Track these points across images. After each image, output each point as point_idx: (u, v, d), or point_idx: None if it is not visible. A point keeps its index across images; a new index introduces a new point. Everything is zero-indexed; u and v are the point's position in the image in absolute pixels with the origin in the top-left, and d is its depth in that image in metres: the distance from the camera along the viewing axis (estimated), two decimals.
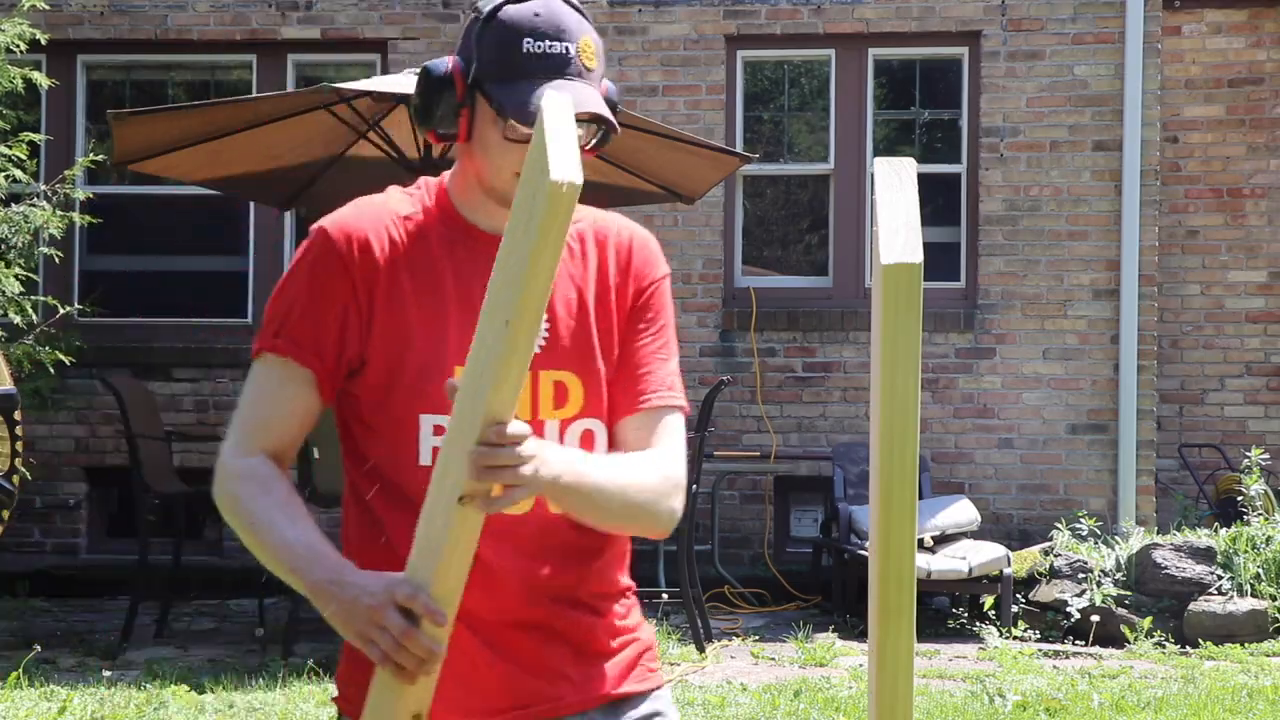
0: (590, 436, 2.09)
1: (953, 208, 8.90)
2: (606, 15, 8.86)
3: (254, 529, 2.03)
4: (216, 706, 5.43)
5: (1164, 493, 9.28)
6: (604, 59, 2.08)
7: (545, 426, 2.06)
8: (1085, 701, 5.64)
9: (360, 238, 2.06)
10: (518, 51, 2.00)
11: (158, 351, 8.94)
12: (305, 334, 2.06)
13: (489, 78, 2.01)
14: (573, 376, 2.08)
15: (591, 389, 2.09)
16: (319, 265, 2.07)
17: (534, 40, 2.00)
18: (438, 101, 2.06)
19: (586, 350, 2.09)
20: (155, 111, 6.89)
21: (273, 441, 2.08)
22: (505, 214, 2.01)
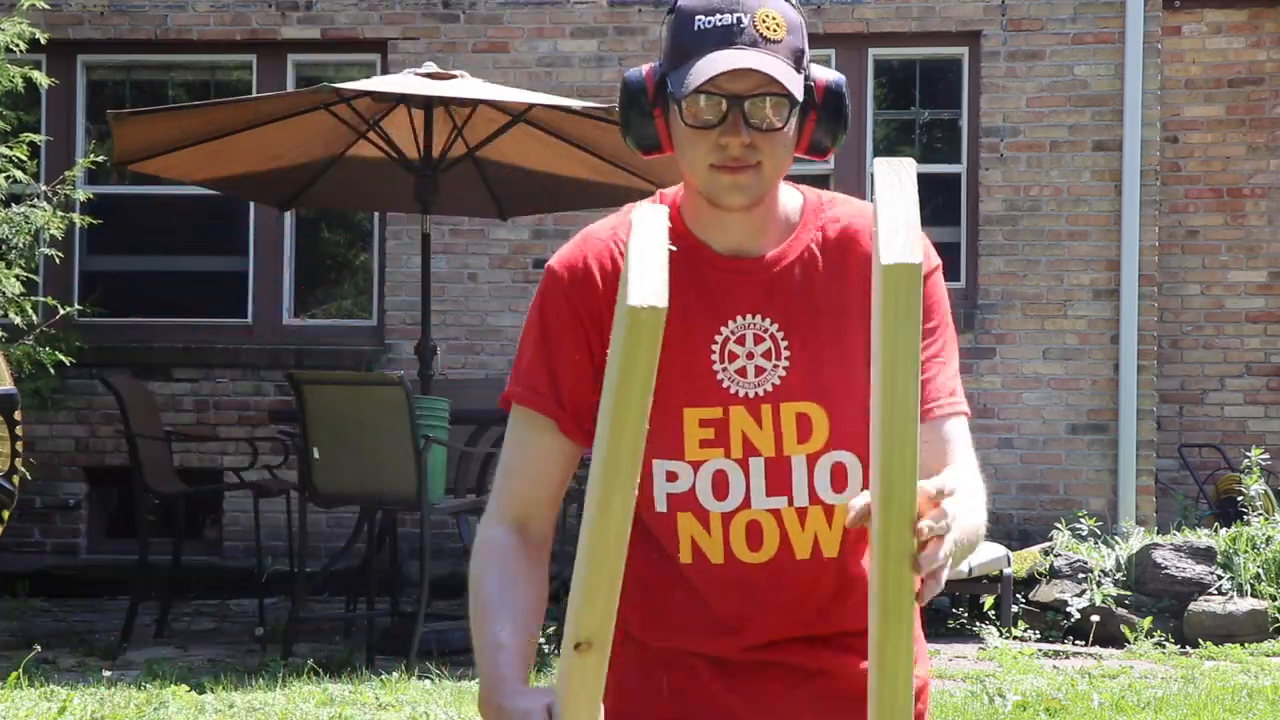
0: (842, 470, 1.96)
1: (953, 208, 8.90)
2: (606, 15, 8.86)
3: (472, 614, 1.94)
4: (216, 706, 5.43)
5: (1164, 493, 9.27)
6: (801, 34, 1.91)
7: (791, 462, 1.95)
8: (1085, 701, 5.64)
9: (582, 273, 1.97)
10: (689, 31, 1.88)
11: (158, 351, 8.94)
12: (542, 380, 1.97)
13: (669, 67, 1.91)
14: (816, 407, 1.95)
15: (838, 419, 1.94)
16: (548, 307, 1.99)
17: (705, 16, 1.87)
18: (632, 109, 1.95)
19: (829, 377, 1.95)
20: (155, 111, 6.90)
21: (522, 499, 2.01)
22: (733, 227, 1.94)
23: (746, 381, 1.95)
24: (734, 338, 1.95)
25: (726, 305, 1.95)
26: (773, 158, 1.89)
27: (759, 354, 1.95)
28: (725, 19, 1.86)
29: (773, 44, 1.87)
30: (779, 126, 1.88)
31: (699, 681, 2.02)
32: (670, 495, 1.97)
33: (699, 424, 1.95)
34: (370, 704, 5.50)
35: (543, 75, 8.79)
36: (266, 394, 8.85)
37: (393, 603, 6.98)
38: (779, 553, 1.96)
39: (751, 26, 1.86)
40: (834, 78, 1.95)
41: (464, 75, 6.78)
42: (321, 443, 6.43)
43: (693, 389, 1.94)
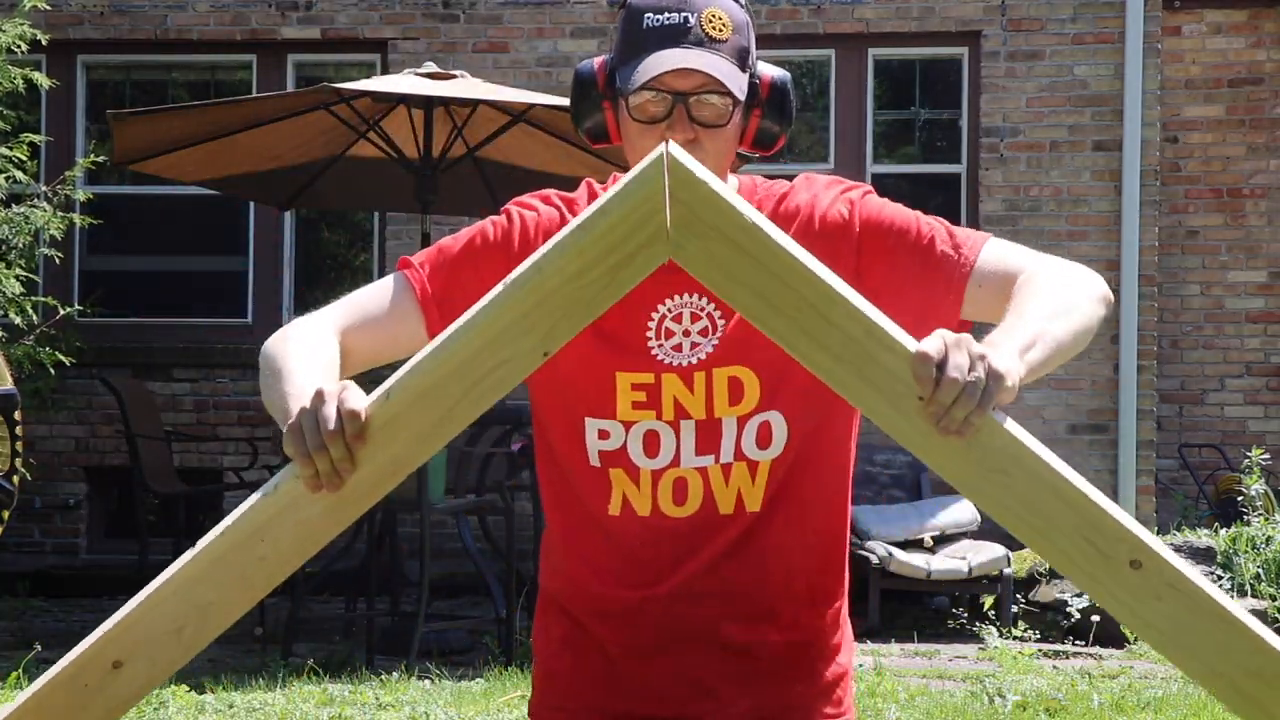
0: (768, 429, 1.99)
1: (953, 208, 8.90)
2: (607, 15, 8.87)
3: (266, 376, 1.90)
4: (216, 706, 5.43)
5: (1164, 493, 9.27)
6: (747, 32, 1.99)
7: (722, 424, 1.99)
8: (1085, 702, 5.64)
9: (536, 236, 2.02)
10: (639, 29, 1.96)
11: (158, 351, 8.94)
12: (439, 280, 2.01)
13: (618, 62, 1.99)
14: (747, 371, 1.99)
15: (768, 381, 1.99)
16: (496, 244, 2.03)
17: (654, 14, 1.95)
18: (582, 101, 2.03)
19: (757, 342, 1.90)
20: (155, 111, 6.89)
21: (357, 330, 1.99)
22: None
23: (680, 355, 2.00)
24: (671, 315, 2.00)
25: (666, 283, 1.96)
26: (715, 153, 1.96)
27: (695, 331, 2.00)
28: (673, 18, 1.94)
29: (718, 43, 1.94)
30: (722, 123, 1.96)
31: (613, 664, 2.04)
32: (602, 452, 2.02)
33: (630, 387, 2.00)
34: (370, 704, 5.50)
35: (543, 75, 8.80)
36: None
37: (393, 603, 6.98)
38: (702, 507, 2.00)
39: (698, 26, 1.94)
40: (778, 74, 2.03)
41: (464, 75, 6.78)
42: None
43: (626, 357, 1.98)
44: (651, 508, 2.01)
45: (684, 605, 2.02)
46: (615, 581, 2.04)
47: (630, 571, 2.03)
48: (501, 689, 5.77)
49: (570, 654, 2.08)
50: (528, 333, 1.66)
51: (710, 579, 2.02)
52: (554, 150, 7.36)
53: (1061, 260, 1.96)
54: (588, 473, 2.03)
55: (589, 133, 2.07)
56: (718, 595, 2.02)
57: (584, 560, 2.07)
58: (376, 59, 9.06)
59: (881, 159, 9.10)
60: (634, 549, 2.03)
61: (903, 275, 1.99)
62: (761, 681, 2.04)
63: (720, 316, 1.99)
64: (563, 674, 2.09)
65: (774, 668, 2.05)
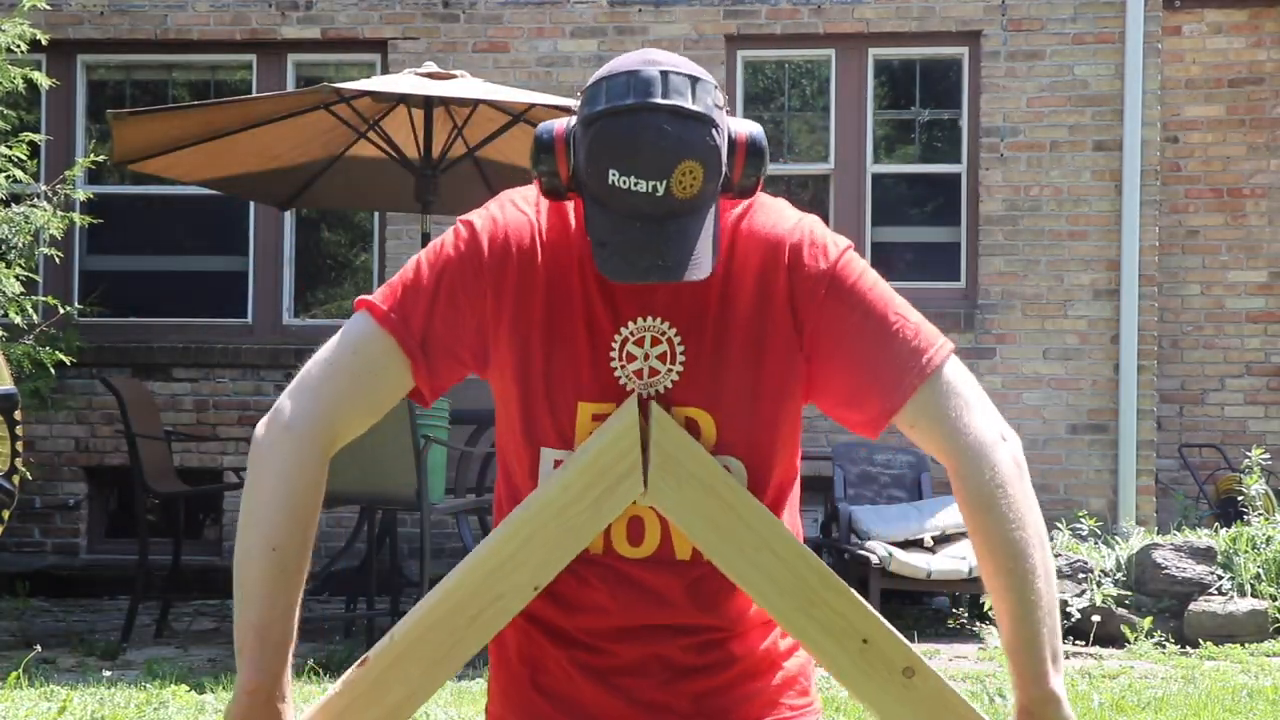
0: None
1: (953, 208, 8.90)
2: (607, 15, 8.87)
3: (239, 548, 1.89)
4: (216, 706, 5.43)
5: (1164, 493, 9.27)
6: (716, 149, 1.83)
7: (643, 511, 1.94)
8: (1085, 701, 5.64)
9: (500, 241, 1.94)
10: (603, 182, 1.81)
11: (158, 351, 8.94)
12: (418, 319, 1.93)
13: (584, 182, 1.86)
14: (704, 414, 1.93)
15: (726, 425, 1.93)
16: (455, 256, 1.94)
17: (622, 174, 1.79)
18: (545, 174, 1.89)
19: (722, 383, 1.93)
20: (155, 111, 6.89)
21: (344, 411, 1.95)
22: None
23: (640, 382, 1.94)
24: (634, 338, 1.95)
25: (627, 306, 1.94)
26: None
27: (654, 356, 1.94)
28: (640, 186, 1.79)
29: (691, 201, 1.81)
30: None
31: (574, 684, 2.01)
32: None
33: (590, 418, 1.95)
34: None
35: (543, 75, 8.80)
36: (266, 394, 8.85)
37: (393, 603, 6.97)
38: (659, 550, 1.95)
39: (669, 194, 1.80)
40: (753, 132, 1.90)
41: (464, 75, 6.77)
42: None
43: (590, 383, 1.94)
44: (605, 546, 1.96)
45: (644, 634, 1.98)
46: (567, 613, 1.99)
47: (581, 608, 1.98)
48: None
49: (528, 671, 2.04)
50: (520, 568, 1.79)
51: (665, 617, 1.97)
52: None
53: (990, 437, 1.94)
54: None
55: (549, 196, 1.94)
56: (671, 629, 1.98)
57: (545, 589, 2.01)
58: (376, 59, 9.06)
59: (881, 159, 9.09)
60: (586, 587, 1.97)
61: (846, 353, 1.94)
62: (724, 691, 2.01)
63: (680, 340, 1.94)
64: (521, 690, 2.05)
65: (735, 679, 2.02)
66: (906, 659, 1.78)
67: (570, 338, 1.94)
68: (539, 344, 1.94)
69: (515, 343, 1.94)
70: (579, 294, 1.94)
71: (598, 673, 2.00)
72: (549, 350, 1.94)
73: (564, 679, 2.01)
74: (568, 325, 1.94)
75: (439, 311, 1.93)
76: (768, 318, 1.93)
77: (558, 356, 1.94)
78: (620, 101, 1.81)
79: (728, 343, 1.94)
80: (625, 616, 1.98)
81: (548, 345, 1.94)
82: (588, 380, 1.94)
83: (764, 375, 1.94)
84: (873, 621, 1.77)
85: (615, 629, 1.98)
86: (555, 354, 1.94)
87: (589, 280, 1.94)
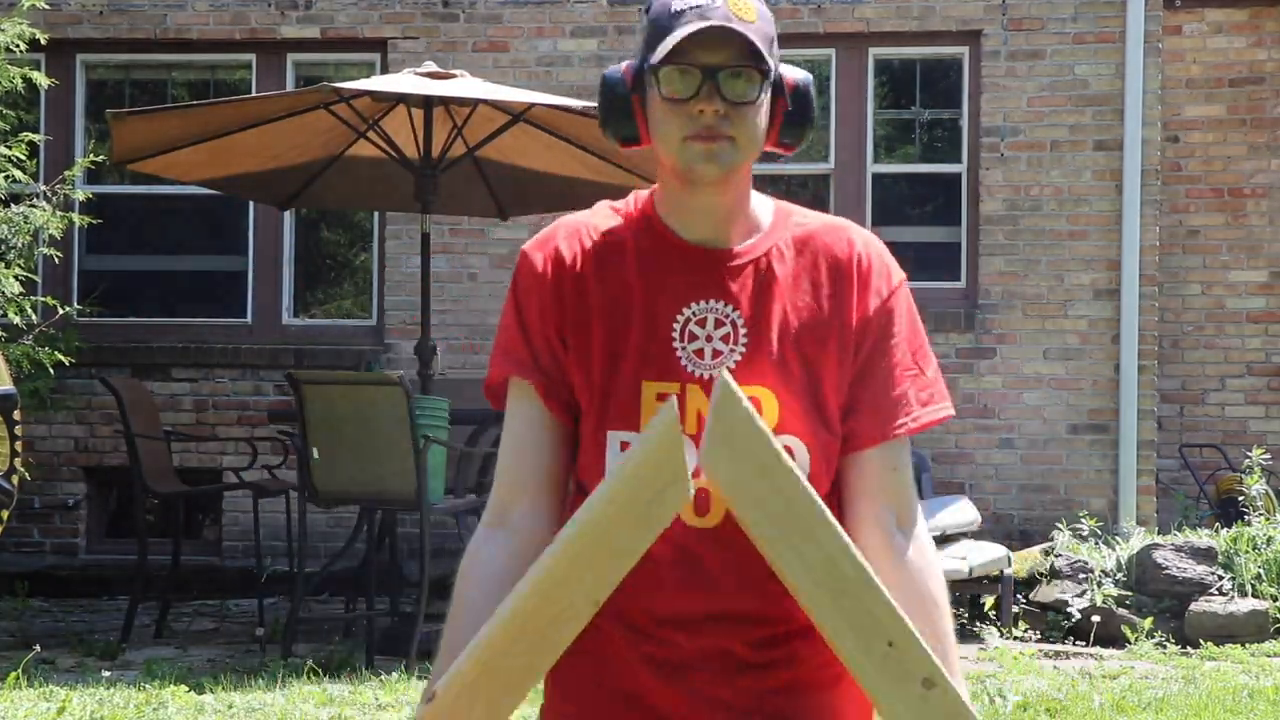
0: (789, 453, 1.93)
1: (953, 208, 8.89)
2: (607, 15, 8.86)
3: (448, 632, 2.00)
4: (216, 707, 5.42)
5: (1165, 493, 9.27)
6: (771, 26, 1.98)
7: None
8: (1086, 702, 5.63)
9: (552, 255, 2.04)
10: (665, 15, 1.94)
11: (157, 351, 8.94)
12: (517, 348, 2.03)
13: (647, 53, 1.96)
14: (766, 392, 1.98)
15: (787, 405, 1.98)
16: (521, 287, 2.06)
17: (679, 1, 1.94)
18: (611, 101, 2.01)
19: (784, 365, 1.99)
20: (155, 111, 6.89)
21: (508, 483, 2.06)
22: (703, 216, 2.01)
23: (703, 363, 1.99)
24: (695, 319, 2.00)
25: (691, 289, 2.00)
26: (744, 132, 1.97)
27: (717, 337, 1.99)
28: (699, 1, 1.93)
29: (745, 23, 1.92)
30: (751, 99, 1.95)
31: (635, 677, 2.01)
32: None
33: (656, 398, 1.99)
34: (370, 704, 5.50)
35: (542, 75, 8.79)
36: (266, 394, 8.84)
37: (392, 603, 6.97)
38: (725, 520, 1.97)
39: (725, 6, 1.92)
40: (802, 76, 2.04)
41: (464, 75, 6.77)
42: (321, 443, 6.42)
43: (652, 364, 1.98)
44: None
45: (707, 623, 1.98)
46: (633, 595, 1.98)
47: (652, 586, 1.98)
48: None
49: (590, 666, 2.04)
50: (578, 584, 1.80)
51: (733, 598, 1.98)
52: (554, 150, 7.35)
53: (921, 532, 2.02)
54: None
55: (618, 133, 2.04)
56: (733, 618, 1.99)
57: None
58: (376, 58, 9.05)
59: (882, 159, 9.09)
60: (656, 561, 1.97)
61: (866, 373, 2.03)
62: (785, 693, 2.01)
63: (743, 325, 1.99)
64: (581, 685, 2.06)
65: (799, 682, 2.02)
66: (928, 670, 1.77)
67: (629, 321, 2.00)
68: (600, 330, 2.00)
69: (579, 332, 2.01)
70: (636, 282, 2.01)
71: (659, 665, 2.00)
72: (609, 334, 2.00)
73: (625, 671, 2.01)
74: (626, 310, 2.00)
75: (529, 333, 2.04)
76: (834, 318, 2.01)
77: (619, 339, 1.99)
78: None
79: (789, 327, 2.00)
80: (686, 593, 1.98)
81: (608, 330, 2.00)
82: (649, 360, 1.99)
83: (824, 372, 2.00)
84: (901, 627, 1.76)
85: (677, 616, 1.98)
86: (616, 338, 2.00)
87: (646, 269, 2.01)
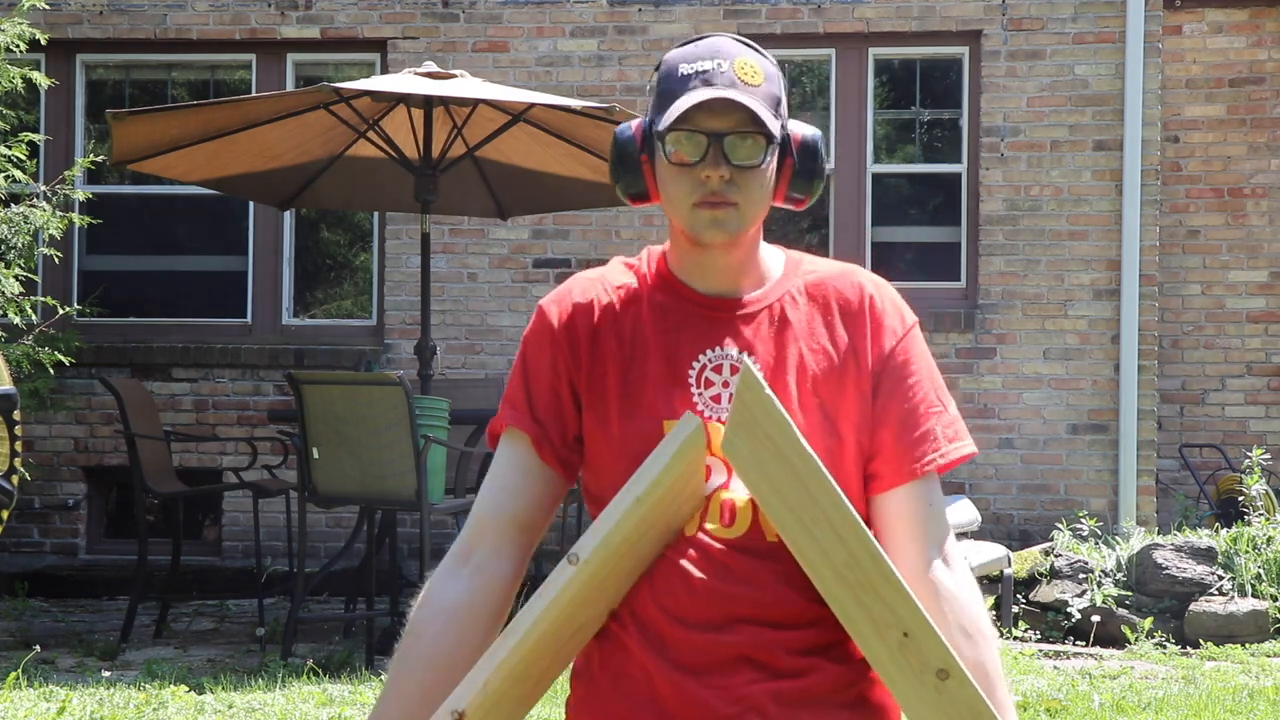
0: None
1: (953, 208, 8.89)
2: (606, 15, 8.86)
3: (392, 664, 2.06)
4: (216, 707, 5.42)
5: (1165, 493, 9.27)
6: (778, 84, 2.05)
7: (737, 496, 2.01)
8: (1086, 702, 5.63)
9: (568, 309, 2.10)
10: (674, 78, 2.02)
11: (157, 351, 8.94)
12: (519, 399, 2.09)
13: (655, 114, 2.04)
14: None
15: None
16: (532, 340, 2.11)
17: (687, 64, 2.01)
18: (622, 159, 2.08)
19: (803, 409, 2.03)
20: (154, 111, 6.88)
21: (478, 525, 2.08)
22: (714, 270, 2.06)
23: (719, 408, 2.03)
24: (711, 366, 2.05)
25: (706, 336, 2.05)
26: (749, 197, 2.01)
27: (735, 383, 2.01)
28: (705, 64, 1.99)
29: (751, 87, 1.99)
30: (757, 164, 2.00)
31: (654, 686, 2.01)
32: None
33: None
34: (370, 704, 5.49)
35: (542, 75, 8.79)
36: (266, 394, 8.84)
37: (392, 603, 6.97)
38: (750, 532, 2.00)
39: (731, 70, 1.99)
40: (810, 132, 2.09)
41: (464, 75, 6.77)
42: (321, 443, 6.42)
43: (672, 405, 2.02)
44: (699, 525, 2.01)
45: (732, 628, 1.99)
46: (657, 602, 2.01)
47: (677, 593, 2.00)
48: None
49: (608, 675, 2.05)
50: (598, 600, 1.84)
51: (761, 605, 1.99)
52: (554, 150, 7.35)
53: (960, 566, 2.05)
54: None
55: (628, 190, 2.11)
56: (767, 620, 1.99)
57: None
58: (376, 58, 9.05)
59: (882, 159, 9.09)
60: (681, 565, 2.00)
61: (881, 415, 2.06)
62: (810, 707, 2.00)
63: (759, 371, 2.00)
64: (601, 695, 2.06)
65: (822, 694, 2.01)
66: (943, 661, 1.76)
67: (644, 370, 2.05)
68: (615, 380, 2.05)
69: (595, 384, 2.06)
70: (652, 333, 2.06)
71: (682, 670, 2.00)
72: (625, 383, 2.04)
73: (644, 681, 2.01)
74: (643, 360, 2.05)
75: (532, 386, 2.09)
76: (849, 361, 2.05)
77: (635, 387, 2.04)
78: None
79: (809, 377, 2.04)
80: (710, 599, 1.99)
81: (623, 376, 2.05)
82: (668, 403, 2.03)
83: (841, 414, 2.03)
84: (918, 618, 1.76)
85: (701, 621, 1.99)
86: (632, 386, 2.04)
87: (661, 320, 2.07)
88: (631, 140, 2.07)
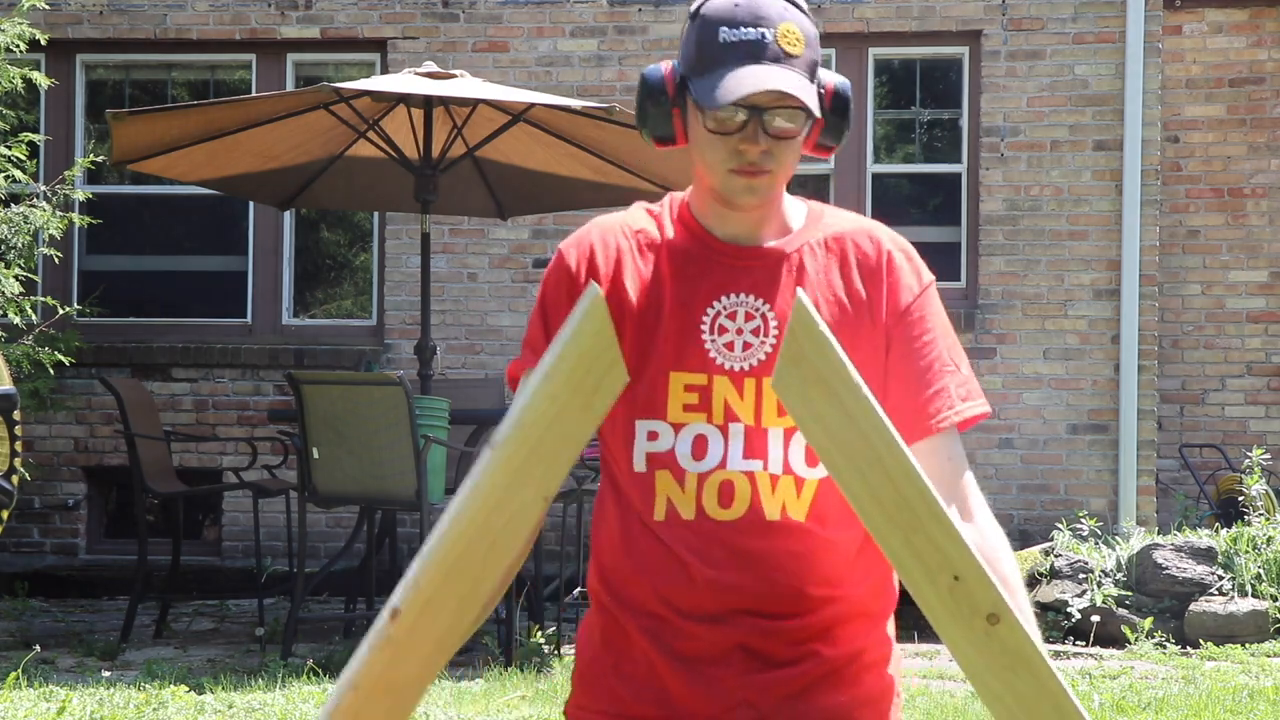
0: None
1: (953, 208, 8.89)
2: (606, 15, 8.86)
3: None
4: (216, 707, 5.42)
5: (1164, 493, 9.27)
6: (816, 45, 2.03)
7: (768, 434, 2.02)
8: (1086, 702, 5.63)
9: (586, 253, 2.09)
10: (715, 42, 1.98)
11: (157, 351, 8.94)
12: (541, 343, 2.07)
13: (692, 73, 2.01)
14: None
15: None
16: (551, 283, 2.11)
17: (729, 28, 1.97)
18: (651, 105, 2.06)
19: None
20: (154, 111, 6.88)
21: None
22: (737, 219, 2.05)
23: (733, 355, 2.03)
24: (725, 312, 2.04)
25: (723, 283, 2.05)
26: (784, 163, 2.01)
27: (748, 330, 2.03)
28: (750, 34, 1.96)
29: (793, 59, 1.97)
30: (794, 135, 2.00)
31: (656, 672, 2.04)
32: (650, 454, 2.04)
33: (684, 389, 2.03)
34: None
35: (542, 75, 8.79)
36: (266, 394, 8.84)
37: None
38: (748, 512, 2.01)
39: (775, 42, 1.96)
40: (841, 82, 2.07)
41: (464, 75, 6.77)
42: (321, 443, 6.42)
43: (681, 355, 2.02)
44: (696, 510, 2.02)
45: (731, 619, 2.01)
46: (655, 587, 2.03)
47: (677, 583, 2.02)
48: (501, 690, 5.77)
49: (612, 658, 2.08)
50: (525, 485, 1.77)
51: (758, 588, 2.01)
52: (554, 150, 7.35)
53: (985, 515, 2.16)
54: (633, 478, 2.05)
55: (656, 135, 2.10)
56: (765, 612, 2.01)
57: (634, 566, 2.07)
58: (376, 58, 9.05)
59: (882, 159, 9.09)
60: (681, 555, 2.02)
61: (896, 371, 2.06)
62: (806, 695, 2.03)
63: (774, 318, 2.03)
64: (603, 678, 2.09)
65: (819, 681, 2.04)
66: (994, 605, 1.75)
67: (659, 314, 2.04)
68: (631, 324, 2.04)
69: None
70: (668, 277, 2.06)
71: (681, 660, 2.02)
72: (641, 328, 2.04)
73: (646, 666, 2.04)
74: (656, 304, 2.05)
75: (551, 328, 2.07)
76: (864, 314, 2.05)
77: (650, 332, 2.03)
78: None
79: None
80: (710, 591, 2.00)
81: (638, 323, 2.04)
82: (679, 352, 2.02)
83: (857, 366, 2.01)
84: (969, 561, 1.74)
85: (698, 610, 2.01)
86: (647, 331, 2.04)
87: (679, 264, 2.06)
88: (662, 83, 2.04)
